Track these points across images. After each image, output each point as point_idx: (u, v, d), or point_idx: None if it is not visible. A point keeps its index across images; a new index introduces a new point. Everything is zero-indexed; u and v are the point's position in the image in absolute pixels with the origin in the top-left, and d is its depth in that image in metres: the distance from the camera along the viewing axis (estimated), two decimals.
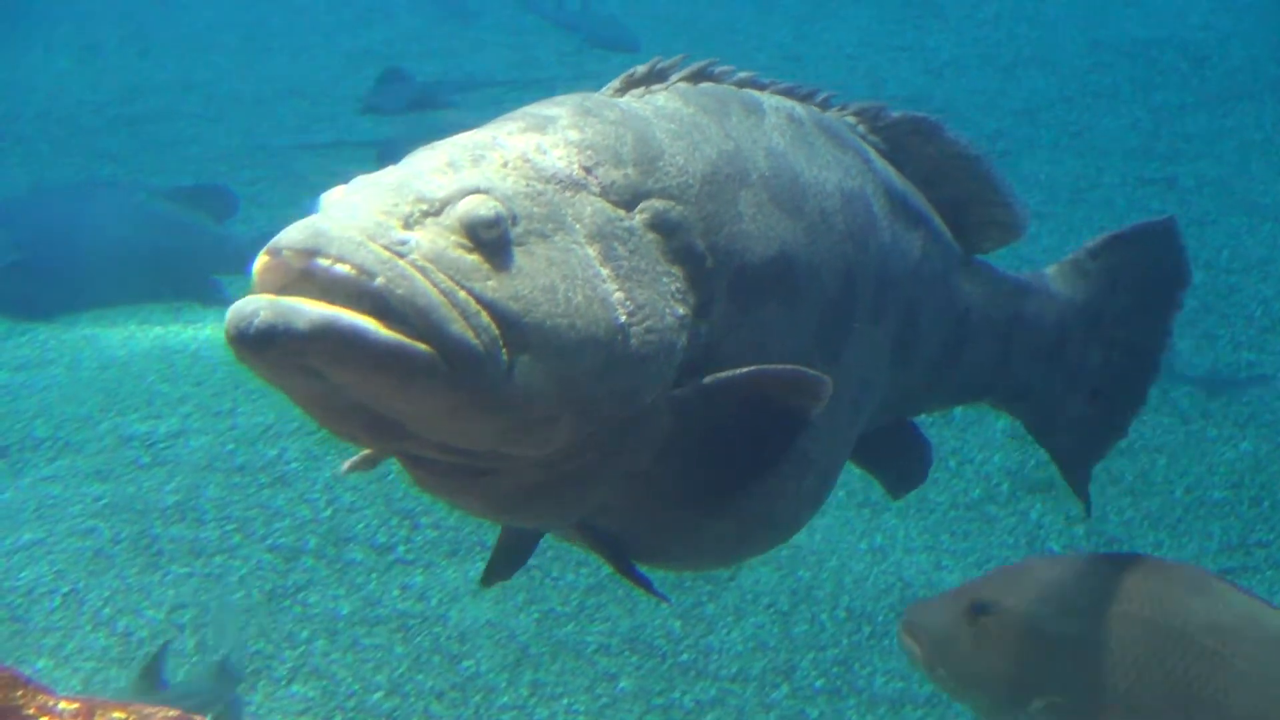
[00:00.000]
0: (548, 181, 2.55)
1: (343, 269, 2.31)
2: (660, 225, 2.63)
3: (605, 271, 2.52)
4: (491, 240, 2.43)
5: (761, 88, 3.02)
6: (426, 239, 2.40)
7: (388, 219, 2.40)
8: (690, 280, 2.63)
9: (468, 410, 2.40)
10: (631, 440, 2.60)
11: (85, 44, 16.74)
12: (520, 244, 2.46)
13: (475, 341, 2.36)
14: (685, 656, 6.61)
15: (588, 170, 2.60)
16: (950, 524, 7.50)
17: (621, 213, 2.60)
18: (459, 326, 2.35)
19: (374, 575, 7.02)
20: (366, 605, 6.86)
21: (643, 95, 2.85)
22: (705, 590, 6.95)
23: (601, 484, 2.64)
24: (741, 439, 2.69)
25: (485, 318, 2.38)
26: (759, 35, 15.43)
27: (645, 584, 2.88)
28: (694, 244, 2.65)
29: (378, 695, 6.36)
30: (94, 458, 8.03)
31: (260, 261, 2.36)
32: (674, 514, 2.75)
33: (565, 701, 6.37)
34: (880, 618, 6.82)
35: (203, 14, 17.58)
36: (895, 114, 3.19)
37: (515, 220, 2.47)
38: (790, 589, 7.01)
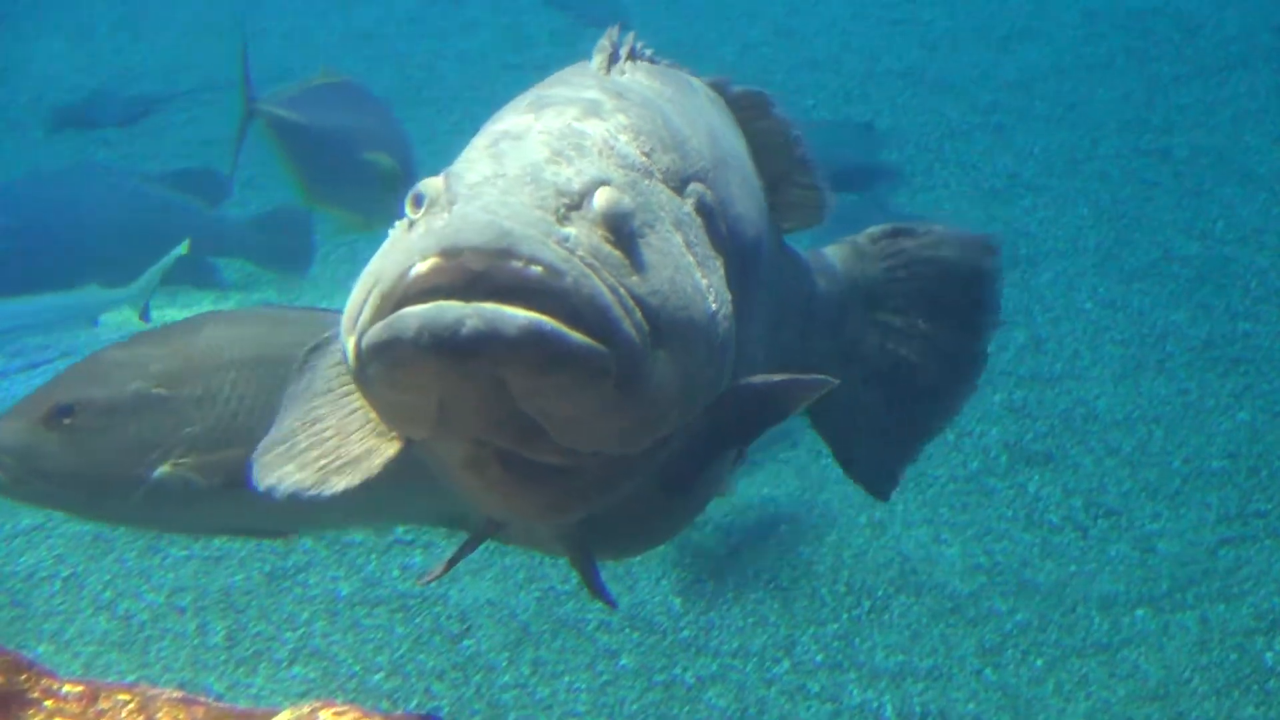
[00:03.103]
0: (631, 170, 2.46)
1: (535, 270, 2.18)
2: (702, 209, 2.55)
3: (691, 260, 2.43)
4: (629, 234, 2.33)
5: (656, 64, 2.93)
6: (583, 235, 2.29)
7: (545, 214, 2.28)
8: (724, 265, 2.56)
9: (617, 411, 2.29)
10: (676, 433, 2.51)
11: (78, 28, 16.69)
12: (640, 236, 2.36)
13: (639, 341, 2.26)
14: (686, 633, 6.62)
15: (648, 156, 2.51)
16: (949, 497, 7.51)
17: (679, 199, 2.51)
18: (628, 325, 2.25)
19: (374, 556, 7.03)
20: (366, 586, 6.87)
21: (622, 74, 2.76)
22: (706, 567, 6.96)
23: (638, 477, 2.54)
24: (734, 430, 2.64)
25: (640, 315, 2.28)
26: (751, 11, 15.39)
27: (599, 583, 2.83)
28: (720, 227, 2.59)
29: (379, 676, 6.37)
30: None
31: (430, 263, 2.19)
32: (653, 500, 2.67)
33: (567, 679, 6.38)
34: (880, 592, 6.83)
35: None
36: (737, 88, 3.10)
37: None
38: (790, 564, 7.02)
